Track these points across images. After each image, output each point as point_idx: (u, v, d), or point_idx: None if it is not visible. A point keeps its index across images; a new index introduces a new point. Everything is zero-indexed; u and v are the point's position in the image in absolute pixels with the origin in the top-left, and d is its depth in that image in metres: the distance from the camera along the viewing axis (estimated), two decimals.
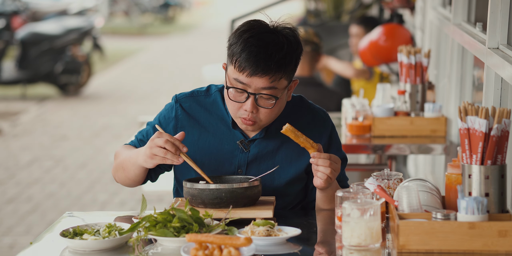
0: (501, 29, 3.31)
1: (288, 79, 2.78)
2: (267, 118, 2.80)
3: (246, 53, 2.69)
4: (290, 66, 2.75)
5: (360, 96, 4.62)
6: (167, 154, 2.70)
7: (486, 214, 2.39)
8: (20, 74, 11.86)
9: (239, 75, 2.72)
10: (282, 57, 2.71)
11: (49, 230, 2.74)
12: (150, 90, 12.98)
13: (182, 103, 2.93)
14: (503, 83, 3.25)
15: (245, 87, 2.74)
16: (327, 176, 2.72)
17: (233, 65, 2.73)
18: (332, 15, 10.02)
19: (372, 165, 5.44)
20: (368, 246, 2.45)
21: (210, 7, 30.53)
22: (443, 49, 5.21)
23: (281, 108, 2.83)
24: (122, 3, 22.91)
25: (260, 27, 2.75)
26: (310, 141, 2.73)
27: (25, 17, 13.88)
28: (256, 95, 2.74)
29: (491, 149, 2.40)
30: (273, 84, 2.73)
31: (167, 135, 2.71)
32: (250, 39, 2.71)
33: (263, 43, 2.71)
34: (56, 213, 6.72)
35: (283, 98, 2.80)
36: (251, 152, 2.89)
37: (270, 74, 2.70)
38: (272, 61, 2.69)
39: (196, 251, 2.34)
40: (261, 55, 2.69)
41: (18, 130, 10.03)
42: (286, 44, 2.74)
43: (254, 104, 2.75)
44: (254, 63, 2.69)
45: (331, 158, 2.73)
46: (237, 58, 2.71)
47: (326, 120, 2.96)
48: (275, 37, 2.73)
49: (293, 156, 2.89)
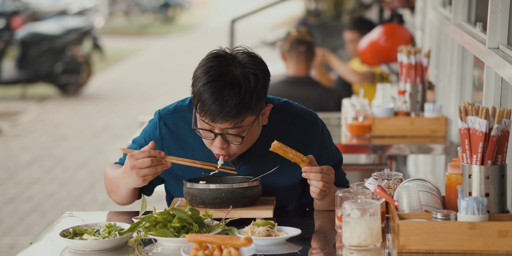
0: (501, 29, 3.31)
1: (255, 113, 2.71)
2: (240, 150, 2.77)
3: (204, 98, 2.64)
4: (251, 105, 2.67)
5: (360, 96, 4.62)
6: (156, 169, 2.70)
7: (486, 214, 2.38)
8: (20, 74, 11.86)
9: (203, 118, 2.69)
10: (239, 101, 2.64)
11: (49, 230, 2.74)
12: (150, 90, 12.98)
13: (165, 121, 2.89)
14: (503, 83, 3.24)
15: (211, 128, 2.71)
16: (320, 189, 2.72)
17: (196, 109, 2.70)
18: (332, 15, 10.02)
19: (372, 165, 5.44)
20: (368, 246, 2.45)
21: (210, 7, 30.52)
22: (443, 49, 5.21)
23: (255, 137, 2.80)
24: (122, 3, 22.90)
25: (217, 68, 2.67)
26: (301, 155, 2.71)
27: (25, 17, 13.87)
28: (223, 135, 2.72)
29: (491, 149, 2.39)
30: (237, 125, 2.69)
31: (140, 153, 2.69)
32: (207, 85, 2.64)
33: (219, 89, 2.63)
34: (56, 213, 6.72)
35: (254, 130, 2.77)
36: (241, 168, 2.87)
37: (230, 120, 2.66)
38: (229, 108, 2.63)
39: (196, 251, 2.34)
40: (218, 102, 2.63)
41: (18, 130, 10.03)
42: (243, 84, 2.65)
43: (222, 141, 2.73)
44: (212, 112, 2.64)
45: (323, 171, 2.71)
46: (197, 103, 2.68)
47: (315, 125, 2.91)
48: (232, 76, 2.66)
49: (285, 167, 2.85)
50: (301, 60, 5.60)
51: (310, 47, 5.63)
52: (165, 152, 2.86)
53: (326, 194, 2.75)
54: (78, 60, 12.02)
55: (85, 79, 12.34)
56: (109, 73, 14.90)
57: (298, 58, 5.62)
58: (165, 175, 2.90)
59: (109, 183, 2.91)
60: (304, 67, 5.63)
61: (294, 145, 2.80)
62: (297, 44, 5.60)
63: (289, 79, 5.60)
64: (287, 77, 5.64)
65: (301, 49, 5.58)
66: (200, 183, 2.74)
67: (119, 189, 2.85)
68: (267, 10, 9.07)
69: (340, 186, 2.97)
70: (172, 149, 2.87)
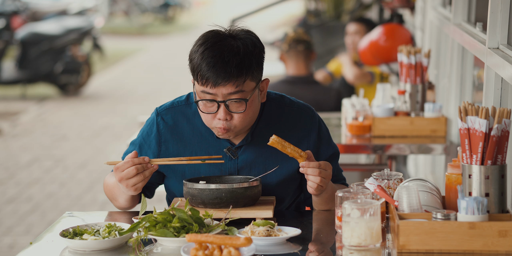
0: (501, 29, 3.31)
1: (255, 80, 2.77)
2: (242, 123, 2.79)
3: (204, 65, 2.70)
4: (251, 67, 2.74)
5: (360, 96, 4.62)
6: (144, 175, 2.73)
7: (486, 214, 2.38)
8: (20, 74, 11.86)
9: (204, 87, 2.73)
10: (240, 62, 2.71)
11: (49, 230, 2.74)
12: (150, 90, 12.98)
13: (163, 116, 2.93)
14: (503, 83, 3.25)
15: (213, 97, 2.74)
16: (317, 184, 2.73)
17: (197, 80, 2.74)
18: (332, 15, 10.01)
19: (372, 165, 5.44)
20: (368, 246, 2.45)
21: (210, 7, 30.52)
22: (443, 49, 5.21)
23: (256, 111, 2.82)
24: (122, 3, 22.90)
25: (213, 37, 2.75)
26: (299, 150, 2.72)
27: (25, 17, 13.87)
28: (226, 102, 2.74)
29: (491, 149, 2.40)
30: (239, 88, 2.73)
31: (124, 164, 2.72)
32: (205, 52, 2.71)
33: (218, 52, 2.71)
34: (56, 213, 6.72)
35: (255, 100, 2.80)
36: (239, 158, 2.89)
37: (233, 80, 2.71)
38: (230, 67, 2.69)
39: (196, 251, 2.34)
40: (218, 65, 2.69)
41: (18, 130, 10.03)
42: (241, 47, 2.73)
43: (226, 111, 2.75)
44: (214, 74, 2.69)
45: (321, 166, 2.72)
46: (198, 72, 2.72)
47: (313, 117, 2.95)
48: (229, 43, 2.74)
49: (283, 158, 2.87)
50: (300, 60, 5.62)
51: (309, 46, 5.65)
52: (163, 147, 2.90)
53: (323, 189, 2.77)
54: (78, 60, 12.02)
55: (85, 79, 12.34)
56: (109, 73, 14.90)
57: (297, 58, 5.63)
58: (164, 169, 2.91)
59: (108, 191, 2.95)
60: (304, 66, 5.64)
61: (292, 136, 2.84)
62: (295, 44, 5.61)
63: (289, 79, 5.62)
64: (287, 76, 5.65)
65: (300, 48, 5.61)
66: (200, 183, 2.74)
67: (119, 197, 2.89)
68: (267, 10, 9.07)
69: (336, 181, 2.98)
70: (170, 144, 2.90)
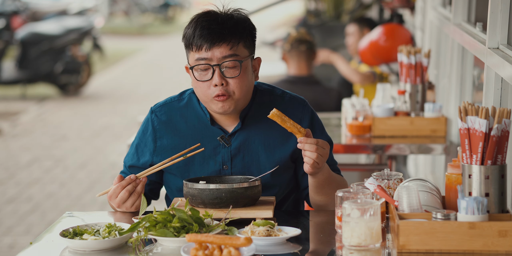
0: (501, 29, 3.31)
1: (248, 48, 2.83)
2: (239, 88, 2.81)
3: (199, 29, 2.78)
4: (245, 32, 2.82)
5: (360, 96, 4.62)
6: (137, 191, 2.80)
7: (486, 214, 2.38)
8: (20, 74, 11.86)
9: (199, 53, 2.79)
10: (234, 24, 2.79)
11: (49, 230, 2.74)
12: (150, 90, 12.98)
13: (157, 113, 2.99)
14: (503, 83, 3.24)
15: (208, 62, 2.79)
16: (314, 160, 2.72)
17: (191, 48, 2.80)
18: (332, 15, 10.01)
19: (372, 165, 5.44)
20: (368, 246, 2.45)
21: None
22: (443, 49, 5.21)
23: (250, 83, 2.85)
24: (122, 3, 22.91)
25: (207, 11, 2.85)
26: (298, 126, 2.72)
27: (25, 17, 13.87)
28: (220, 65, 2.78)
29: (491, 149, 2.39)
30: (233, 51, 2.79)
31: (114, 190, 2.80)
32: (199, 20, 2.81)
33: (213, 17, 2.81)
34: (56, 213, 6.72)
35: (249, 69, 2.84)
36: (232, 145, 2.91)
37: (227, 41, 2.78)
38: (225, 28, 2.78)
39: (196, 251, 2.34)
40: (213, 26, 2.78)
41: (18, 130, 10.03)
42: (235, 16, 2.83)
43: (221, 75, 2.79)
44: (209, 34, 2.77)
45: (318, 143, 2.72)
46: (193, 38, 2.79)
47: (305, 106, 2.98)
48: (223, 13, 2.84)
49: (276, 144, 2.91)
50: (302, 60, 5.62)
51: (311, 46, 5.65)
52: (158, 143, 2.94)
53: (319, 167, 2.75)
54: (78, 60, 12.02)
55: (85, 79, 12.34)
56: (109, 73, 14.90)
57: (299, 58, 5.63)
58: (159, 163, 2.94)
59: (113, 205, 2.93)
60: (306, 66, 5.65)
61: None
62: (297, 44, 5.62)
63: (290, 78, 5.62)
64: (288, 76, 5.66)
65: (302, 48, 5.61)
66: (200, 183, 2.74)
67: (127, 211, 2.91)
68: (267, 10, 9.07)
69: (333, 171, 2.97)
70: (165, 138, 2.94)
